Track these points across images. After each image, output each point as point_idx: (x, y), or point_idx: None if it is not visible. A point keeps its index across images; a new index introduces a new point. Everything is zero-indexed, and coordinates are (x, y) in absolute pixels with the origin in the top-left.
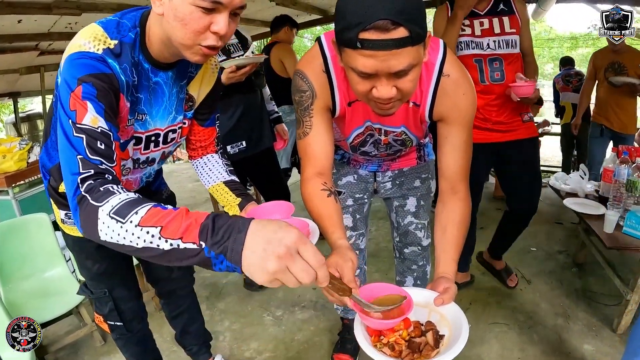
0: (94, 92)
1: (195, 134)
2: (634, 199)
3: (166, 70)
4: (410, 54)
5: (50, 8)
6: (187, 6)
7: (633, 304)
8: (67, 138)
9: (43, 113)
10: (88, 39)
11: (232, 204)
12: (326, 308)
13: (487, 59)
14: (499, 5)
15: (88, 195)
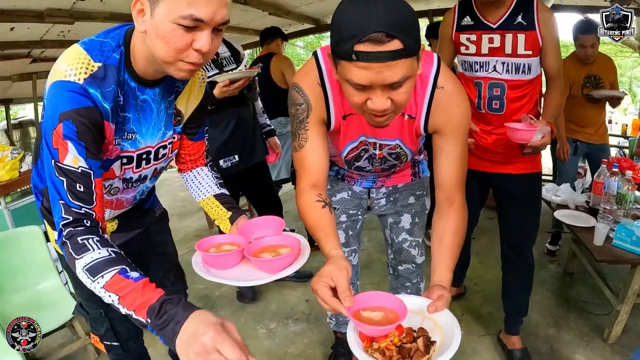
0: (74, 130)
1: (185, 148)
2: (624, 211)
3: (153, 87)
4: (404, 66)
5: (42, 16)
6: (168, 24)
7: (623, 315)
8: (51, 178)
9: (35, 120)
10: (71, 66)
11: (223, 218)
12: (319, 320)
13: (487, 83)
14: (516, 18)
15: (68, 243)
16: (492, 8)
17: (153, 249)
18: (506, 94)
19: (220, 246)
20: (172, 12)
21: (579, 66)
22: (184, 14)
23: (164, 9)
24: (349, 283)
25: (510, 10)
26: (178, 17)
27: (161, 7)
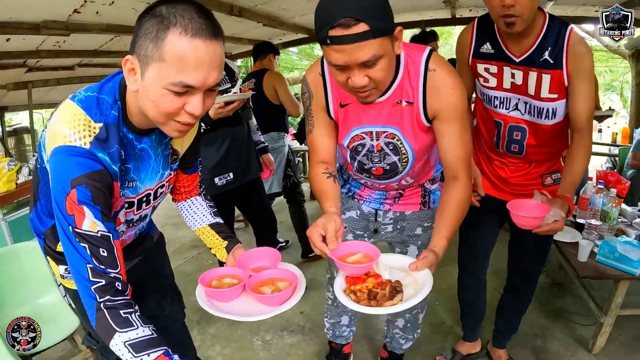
0: (88, 194)
1: (180, 181)
2: (608, 227)
3: (149, 135)
4: (373, 46)
5: (39, 28)
6: (158, 89)
7: (607, 327)
8: (71, 243)
9: (30, 128)
10: (72, 129)
11: (219, 247)
12: (313, 332)
13: (507, 125)
14: (543, 54)
15: (107, 313)
16: (517, 37)
17: (151, 274)
18: (527, 140)
19: (222, 279)
20: (162, 78)
21: None
22: (174, 81)
23: (154, 73)
24: (336, 231)
25: (538, 43)
26: (168, 83)
27: (151, 71)
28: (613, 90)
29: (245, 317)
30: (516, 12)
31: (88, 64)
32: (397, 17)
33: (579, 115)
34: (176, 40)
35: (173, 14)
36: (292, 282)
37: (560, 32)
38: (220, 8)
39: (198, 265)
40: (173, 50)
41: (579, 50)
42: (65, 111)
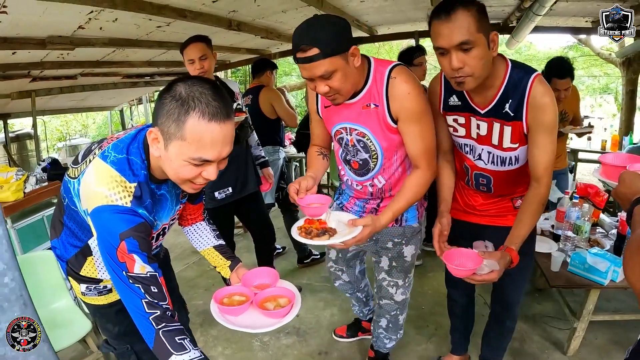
0: (136, 244)
1: (187, 210)
2: (581, 239)
3: (167, 182)
4: (324, 64)
5: (44, 43)
6: (180, 161)
7: (580, 331)
8: (126, 285)
9: (34, 134)
10: (111, 190)
11: (223, 266)
12: (308, 334)
13: (473, 172)
14: (504, 107)
15: (164, 340)
16: (480, 90)
17: None
18: (493, 182)
19: (231, 296)
20: (183, 153)
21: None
22: (194, 157)
23: (176, 148)
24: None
25: (499, 95)
26: (189, 157)
27: (173, 146)
28: (609, 93)
29: (255, 330)
30: (465, 73)
31: (90, 74)
32: (391, 29)
33: (537, 165)
34: (195, 124)
35: (192, 98)
36: (290, 299)
37: (521, 83)
38: (220, 23)
39: (199, 271)
40: (193, 132)
41: (540, 102)
42: (100, 173)
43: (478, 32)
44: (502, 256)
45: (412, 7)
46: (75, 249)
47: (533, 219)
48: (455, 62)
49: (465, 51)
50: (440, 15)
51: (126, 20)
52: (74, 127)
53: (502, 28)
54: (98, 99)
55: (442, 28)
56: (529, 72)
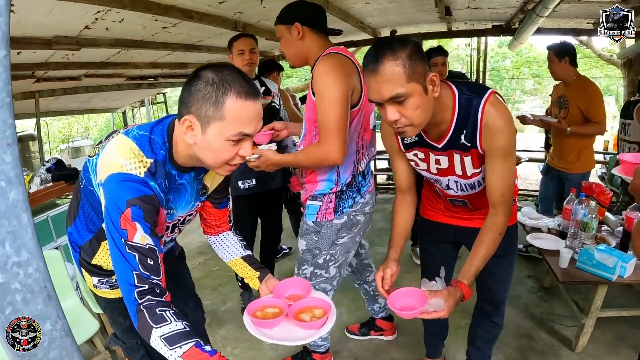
0: (141, 214)
1: (210, 215)
2: (588, 236)
3: (189, 172)
4: (279, 30)
5: (50, 44)
6: (220, 142)
7: (588, 327)
8: (121, 253)
9: (37, 135)
10: (128, 159)
11: (252, 277)
12: None
13: (446, 197)
14: (460, 138)
15: (145, 312)
16: (431, 126)
17: (174, 283)
18: (470, 202)
19: (264, 309)
20: (224, 133)
21: (560, 86)
22: (235, 133)
23: (215, 130)
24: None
25: (453, 129)
26: (230, 135)
27: (212, 128)
28: (610, 95)
29: (292, 342)
30: (403, 124)
31: (94, 75)
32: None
33: (493, 191)
34: (234, 103)
35: (225, 81)
36: (326, 310)
37: (472, 109)
38: (225, 24)
39: (205, 272)
40: (233, 111)
41: (493, 127)
42: (121, 145)
43: (409, 82)
44: (451, 293)
45: (416, 10)
46: (90, 234)
47: (489, 250)
48: (390, 116)
49: (399, 103)
50: (368, 66)
51: (132, 21)
52: (76, 130)
53: (505, 30)
54: (101, 101)
55: (371, 81)
56: (480, 94)
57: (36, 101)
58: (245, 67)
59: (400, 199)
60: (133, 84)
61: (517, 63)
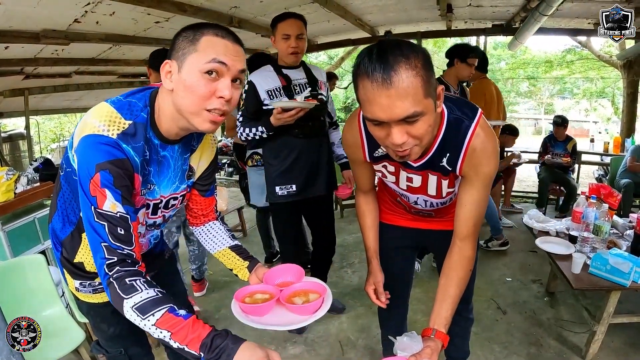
0: (110, 179)
1: (196, 203)
2: (600, 240)
3: (173, 145)
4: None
5: (38, 37)
6: (194, 74)
7: (599, 334)
8: (90, 223)
9: (26, 134)
10: (103, 122)
11: (241, 267)
12: (316, 343)
13: (411, 209)
14: (442, 160)
15: (115, 284)
16: None
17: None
18: (435, 215)
19: (253, 295)
20: (199, 62)
21: None
22: (209, 59)
23: (190, 63)
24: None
25: (435, 149)
26: (204, 63)
27: (187, 62)
28: (605, 97)
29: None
30: (410, 146)
31: (85, 72)
32: (394, 29)
33: (465, 221)
34: (210, 38)
35: (206, 26)
36: (321, 294)
37: (461, 131)
38: (220, 19)
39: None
40: (208, 43)
41: (482, 152)
42: (99, 109)
43: (426, 98)
44: (434, 350)
45: (417, 7)
46: (70, 227)
47: (461, 289)
48: (398, 139)
49: (410, 123)
50: (375, 74)
51: (124, 14)
52: (68, 129)
53: (505, 29)
54: (93, 99)
55: (379, 95)
56: (470, 117)
57: (25, 99)
58: (290, 56)
59: (363, 199)
60: (125, 81)
61: (512, 65)
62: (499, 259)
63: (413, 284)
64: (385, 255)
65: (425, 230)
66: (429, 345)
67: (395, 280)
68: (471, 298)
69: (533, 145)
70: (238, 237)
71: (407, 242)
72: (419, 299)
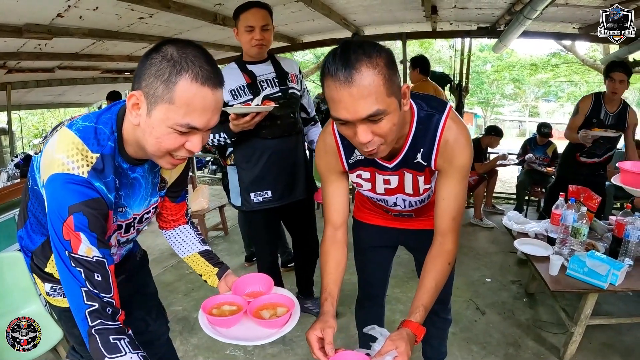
0: (85, 222)
1: (167, 209)
2: (578, 242)
3: (142, 165)
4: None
5: (21, 31)
6: (164, 128)
7: (577, 335)
8: (67, 267)
9: (9, 129)
10: (70, 157)
11: (210, 274)
12: (294, 342)
13: (392, 213)
14: (416, 156)
15: (98, 338)
16: None
17: (135, 291)
18: (415, 215)
19: (221, 306)
20: (169, 119)
21: None
22: (181, 122)
23: (161, 113)
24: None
25: (408, 146)
26: (175, 123)
27: (158, 110)
28: None
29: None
30: (376, 145)
31: (68, 67)
32: (378, 29)
33: (444, 215)
34: (187, 86)
35: (185, 59)
36: (289, 308)
37: (431, 125)
38: (204, 17)
39: (177, 275)
40: (184, 95)
41: (454, 144)
42: (63, 139)
43: (389, 96)
44: (397, 339)
45: (402, 7)
46: (42, 238)
47: (438, 282)
48: (363, 137)
49: (374, 122)
50: (337, 73)
51: (107, 10)
52: (50, 124)
53: (490, 31)
54: (76, 95)
55: (341, 94)
56: (440, 110)
57: (8, 93)
58: (253, 48)
59: (330, 237)
60: (109, 77)
61: (498, 67)
62: (479, 259)
63: (392, 284)
64: (362, 254)
65: (404, 229)
66: (391, 337)
67: (372, 280)
68: (449, 299)
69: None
70: (219, 236)
71: (385, 241)
72: (397, 299)
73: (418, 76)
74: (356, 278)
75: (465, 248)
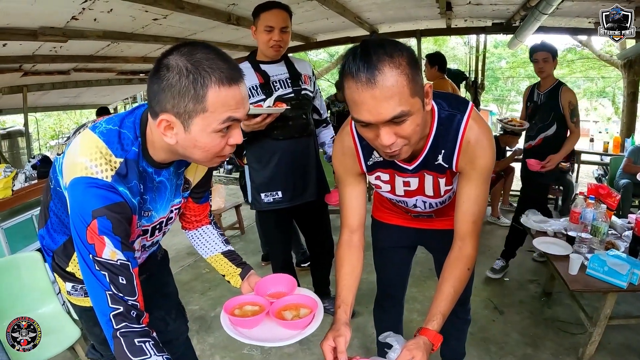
0: (109, 226)
1: (190, 210)
2: (598, 241)
3: (168, 168)
4: None
5: (36, 35)
6: (207, 135)
7: (596, 336)
8: (91, 271)
9: (25, 131)
10: (93, 161)
11: (233, 274)
12: (311, 342)
13: (412, 214)
14: (437, 158)
15: (123, 341)
16: None
17: (156, 291)
18: (435, 216)
19: (243, 306)
20: (209, 125)
21: None
22: (223, 119)
23: (200, 125)
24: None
25: (429, 147)
26: (218, 124)
27: (196, 123)
28: (605, 97)
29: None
30: (399, 146)
31: (83, 69)
32: (392, 27)
33: (465, 218)
34: (216, 93)
35: (201, 67)
36: (312, 309)
37: (453, 125)
38: (218, 17)
39: (194, 274)
40: (216, 101)
41: (476, 145)
42: (86, 142)
43: (413, 97)
44: (413, 348)
45: (416, 4)
46: (64, 237)
47: (457, 288)
48: (386, 140)
49: (398, 123)
50: (359, 74)
51: (121, 11)
52: (67, 126)
53: (505, 28)
54: (91, 96)
55: (363, 96)
56: (461, 108)
57: (24, 96)
58: (271, 49)
59: (346, 241)
60: (124, 79)
61: (513, 64)
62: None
63: (409, 283)
64: (380, 254)
65: (424, 229)
66: (407, 347)
67: (391, 280)
68: (469, 300)
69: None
70: (236, 235)
71: (405, 241)
72: (415, 299)
73: (436, 74)
74: (374, 277)
75: (482, 247)
